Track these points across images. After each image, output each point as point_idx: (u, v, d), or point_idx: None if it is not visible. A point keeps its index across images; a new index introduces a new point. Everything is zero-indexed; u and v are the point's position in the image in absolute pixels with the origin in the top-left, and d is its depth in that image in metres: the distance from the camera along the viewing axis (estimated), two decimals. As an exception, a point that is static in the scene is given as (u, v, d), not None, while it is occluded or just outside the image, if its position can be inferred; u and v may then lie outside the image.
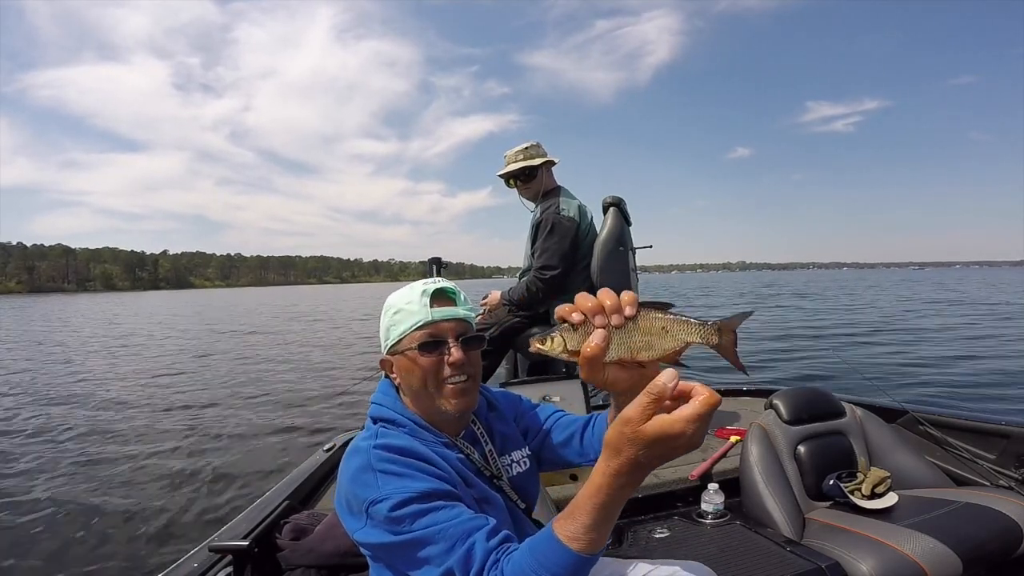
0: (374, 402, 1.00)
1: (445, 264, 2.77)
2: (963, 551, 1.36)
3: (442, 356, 0.93)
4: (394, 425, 0.95)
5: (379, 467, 0.84)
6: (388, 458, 0.85)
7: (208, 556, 1.27)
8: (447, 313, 0.94)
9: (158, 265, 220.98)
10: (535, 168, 2.34)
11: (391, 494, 0.80)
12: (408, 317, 0.94)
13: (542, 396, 2.11)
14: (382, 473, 0.83)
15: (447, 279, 1.03)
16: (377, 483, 0.82)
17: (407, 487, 0.81)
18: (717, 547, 1.55)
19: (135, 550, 3.00)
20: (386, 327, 0.97)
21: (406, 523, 0.78)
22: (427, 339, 0.92)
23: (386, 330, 0.97)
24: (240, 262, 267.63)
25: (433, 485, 0.82)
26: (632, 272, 2.31)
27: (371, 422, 0.97)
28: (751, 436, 1.84)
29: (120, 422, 5.90)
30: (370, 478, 0.83)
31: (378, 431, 0.93)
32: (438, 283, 0.97)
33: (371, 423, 0.97)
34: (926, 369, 7.49)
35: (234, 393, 7.35)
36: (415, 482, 0.82)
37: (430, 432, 0.96)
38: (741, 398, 2.96)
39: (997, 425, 1.93)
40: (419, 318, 0.93)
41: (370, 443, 0.89)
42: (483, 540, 0.76)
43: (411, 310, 0.94)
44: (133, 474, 4.21)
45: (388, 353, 0.97)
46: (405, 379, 0.96)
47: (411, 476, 0.83)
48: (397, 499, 0.79)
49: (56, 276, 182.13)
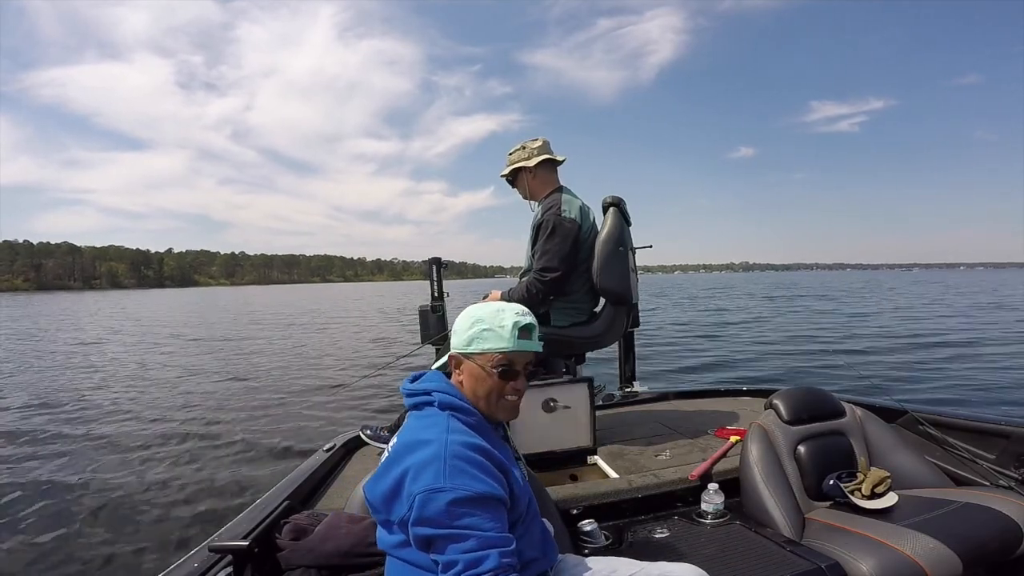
0: (441, 391, 1.08)
1: (446, 264, 2.78)
2: (963, 551, 1.36)
3: (510, 380, 1.09)
4: (463, 413, 1.06)
5: (450, 461, 0.93)
6: (460, 453, 0.95)
7: (208, 556, 1.28)
8: (527, 346, 1.09)
9: (163, 263, 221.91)
10: (518, 172, 2.37)
11: (453, 488, 0.90)
12: (496, 340, 1.07)
13: (546, 399, 2.10)
14: (451, 467, 0.92)
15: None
16: (444, 474, 0.91)
17: (468, 486, 0.91)
18: (717, 547, 1.55)
19: (135, 550, 3.02)
20: (469, 335, 1.09)
21: (454, 518, 0.89)
22: (506, 365, 1.08)
23: (469, 337, 1.09)
24: (244, 260, 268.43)
25: (489, 489, 0.93)
26: (632, 272, 2.31)
27: (438, 409, 1.07)
28: (751, 436, 1.84)
29: (120, 422, 5.94)
30: (438, 467, 0.92)
31: (449, 423, 1.02)
32: (528, 319, 1.11)
33: (438, 410, 1.06)
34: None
35: (234, 393, 7.39)
36: (476, 483, 0.92)
37: (487, 422, 1.10)
38: (741, 398, 2.96)
39: (997, 425, 1.93)
40: (506, 346, 1.07)
41: (444, 435, 0.98)
42: (496, 556, 0.87)
43: (501, 335, 1.07)
44: (133, 474, 4.24)
45: (462, 355, 1.11)
46: (472, 382, 1.09)
47: (473, 476, 0.93)
48: (456, 495, 0.89)
49: (62, 274, 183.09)
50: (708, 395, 3.06)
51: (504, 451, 1.10)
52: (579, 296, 2.30)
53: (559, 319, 2.29)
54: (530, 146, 2.35)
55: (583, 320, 2.31)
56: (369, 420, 3.68)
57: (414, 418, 1.09)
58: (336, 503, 1.71)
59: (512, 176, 2.43)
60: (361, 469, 2.06)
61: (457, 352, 1.11)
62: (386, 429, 2.29)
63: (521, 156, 2.36)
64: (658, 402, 2.99)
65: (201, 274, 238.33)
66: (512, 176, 2.43)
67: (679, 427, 2.44)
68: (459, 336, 1.11)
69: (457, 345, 1.11)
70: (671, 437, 2.31)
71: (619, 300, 2.27)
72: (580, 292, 2.29)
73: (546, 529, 1.19)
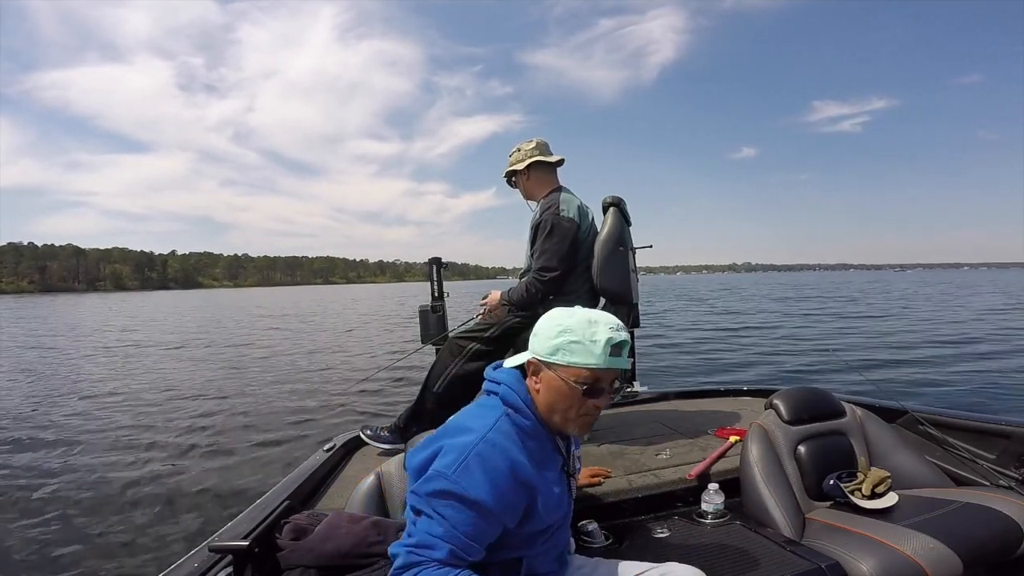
0: (507, 384, 1.07)
1: (446, 264, 2.79)
2: (963, 551, 1.36)
3: (593, 398, 1.02)
4: (520, 414, 1.04)
5: (471, 457, 0.95)
6: (484, 454, 0.96)
7: (208, 556, 1.29)
8: (617, 364, 1.02)
9: (167, 265, 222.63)
10: (516, 172, 2.41)
11: (454, 481, 0.93)
12: (586, 354, 1.00)
13: None
14: (467, 463, 0.95)
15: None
16: (458, 465, 0.94)
17: (466, 487, 0.93)
18: (717, 547, 1.55)
19: (135, 550, 3.03)
20: (555, 344, 1.02)
21: (439, 503, 0.93)
22: (593, 382, 1.01)
23: (554, 346, 1.02)
24: (247, 262, 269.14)
25: (484, 498, 0.93)
26: (632, 273, 2.31)
27: (500, 402, 1.06)
28: (751, 436, 1.84)
29: (120, 422, 5.96)
30: (458, 457, 0.96)
31: (499, 421, 1.02)
32: (623, 335, 1.03)
33: (499, 403, 1.06)
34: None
35: (234, 393, 7.40)
36: (476, 488, 0.93)
37: (544, 428, 1.06)
38: (741, 398, 2.95)
39: (997, 425, 1.92)
40: (597, 363, 1.00)
41: (484, 432, 1.00)
42: (448, 552, 0.91)
43: (592, 351, 1.00)
44: (133, 474, 4.25)
45: (543, 363, 1.04)
46: (550, 395, 1.04)
47: (479, 481, 0.94)
48: (451, 488, 0.93)
49: (67, 276, 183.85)
50: (708, 395, 3.06)
51: (552, 463, 1.08)
52: (579, 296, 2.30)
53: (559, 319, 2.29)
54: (525, 148, 2.38)
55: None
56: (369, 420, 3.68)
57: (476, 404, 1.11)
58: (336, 503, 1.71)
59: (511, 177, 2.46)
60: (361, 469, 2.06)
61: (538, 359, 1.04)
62: (386, 429, 2.30)
63: (518, 158, 2.39)
64: (658, 402, 2.99)
65: (205, 276, 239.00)
66: (511, 177, 2.46)
67: (679, 427, 2.44)
68: (542, 342, 1.04)
69: (539, 351, 1.04)
70: (671, 437, 2.31)
71: (619, 300, 2.27)
72: (580, 292, 2.29)
73: (569, 540, 1.20)
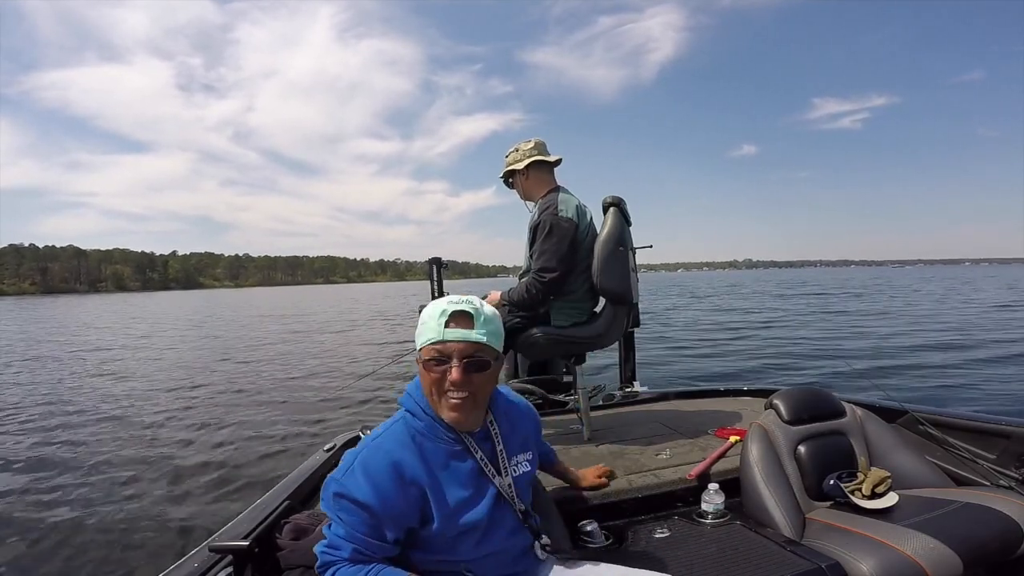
0: (408, 391, 1.12)
1: (446, 264, 2.80)
2: (963, 551, 1.36)
3: (445, 373, 1.03)
4: (416, 417, 1.08)
5: (357, 462, 1.02)
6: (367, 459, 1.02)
7: (208, 556, 1.29)
8: (457, 335, 1.03)
9: (168, 266, 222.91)
10: (514, 173, 2.41)
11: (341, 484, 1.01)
12: (427, 331, 1.05)
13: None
14: (352, 468, 1.02)
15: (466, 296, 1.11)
16: (345, 470, 1.02)
17: (350, 488, 1.00)
18: (717, 547, 1.55)
19: (135, 550, 3.03)
20: (416, 334, 1.08)
21: (336, 507, 1.01)
22: (434, 355, 1.03)
23: (416, 336, 1.08)
24: (248, 262, 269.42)
25: (365, 499, 0.99)
26: (632, 272, 2.31)
27: (400, 407, 1.12)
28: (751, 436, 1.84)
29: (120, 422, 5.97)
30: (347, 462, 1.04)
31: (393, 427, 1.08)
32: (461, 304, 1.06)
33: (401, 408, 1.12)
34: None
35: (234, 392, 7.41)
36: (358, 489, 0.99)
37: (442, 428, 1.08)
38: (741, 398, 2.95)
39: (997, 425, 1.92)
40: (432, 336, 1.03)
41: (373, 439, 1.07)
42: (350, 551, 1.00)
43: (430, 326, 1.04)
44: (133, 474, 4.26)
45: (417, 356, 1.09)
46: (421, 384, 1.08)
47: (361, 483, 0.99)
48: (338, 490, 1.01)
49: (68, 277, 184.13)
50: (708, 395, 3.06)
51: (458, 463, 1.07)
52: (579, 296, 2.30)
53: (560, 319, 2.30)
54: (523, 148, 2.37)
55: (584, 320, 2.31)
56: (369, 420, 3.69)
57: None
58: (336, 503, 1.71)
59: (508, 178, 2.46)
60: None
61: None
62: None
63: (515, 158, 2.39)
64: (658, 402, 3.00)
65: (206, 276, 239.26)
66: (508, 178, 2.46)
67: (679, 427, 2.44)
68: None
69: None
70: (671, 437, 2.31)
71: (619, 300, 2.27)
72: (580, 292, 2.30)
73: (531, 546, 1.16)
